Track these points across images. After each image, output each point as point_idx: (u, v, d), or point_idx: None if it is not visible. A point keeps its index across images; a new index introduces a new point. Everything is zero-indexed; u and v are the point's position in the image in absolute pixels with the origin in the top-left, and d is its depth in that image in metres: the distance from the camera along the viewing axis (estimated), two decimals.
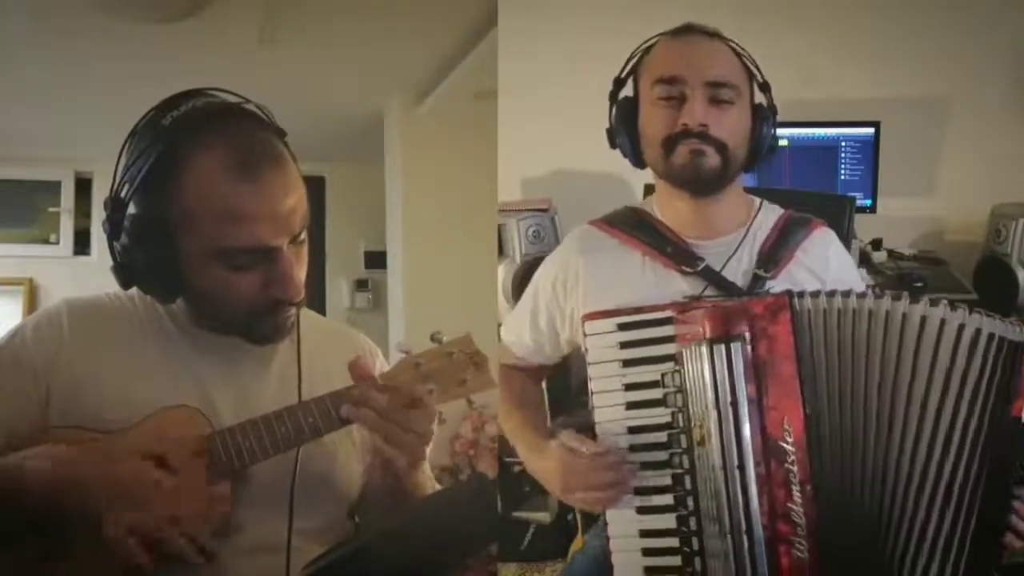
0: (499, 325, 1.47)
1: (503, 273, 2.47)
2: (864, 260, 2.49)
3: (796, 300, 1.10)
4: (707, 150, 1.21)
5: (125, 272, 1.06)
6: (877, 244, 2.58)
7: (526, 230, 2.47)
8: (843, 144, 2.57)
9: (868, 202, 2.55)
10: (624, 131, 1.28)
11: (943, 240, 2.73)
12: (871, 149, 2.55)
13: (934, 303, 1.09)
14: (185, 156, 1.01)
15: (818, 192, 2.44)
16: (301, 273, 1.09)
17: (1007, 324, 1.08)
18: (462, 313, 1.54)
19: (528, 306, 1.39)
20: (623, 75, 1.30)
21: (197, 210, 1.01)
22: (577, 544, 1.51)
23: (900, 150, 2.60)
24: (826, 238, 1.34)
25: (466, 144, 3.03)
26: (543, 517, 2.55)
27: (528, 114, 2.64)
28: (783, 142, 2.57)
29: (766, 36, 2.56)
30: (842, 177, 2.58)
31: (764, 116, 1.27)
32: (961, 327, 1.07)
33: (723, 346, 1.08)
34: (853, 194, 2.43)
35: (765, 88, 1.28)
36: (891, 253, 2.57)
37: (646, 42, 1.29)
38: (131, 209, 1.04)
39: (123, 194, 1.04)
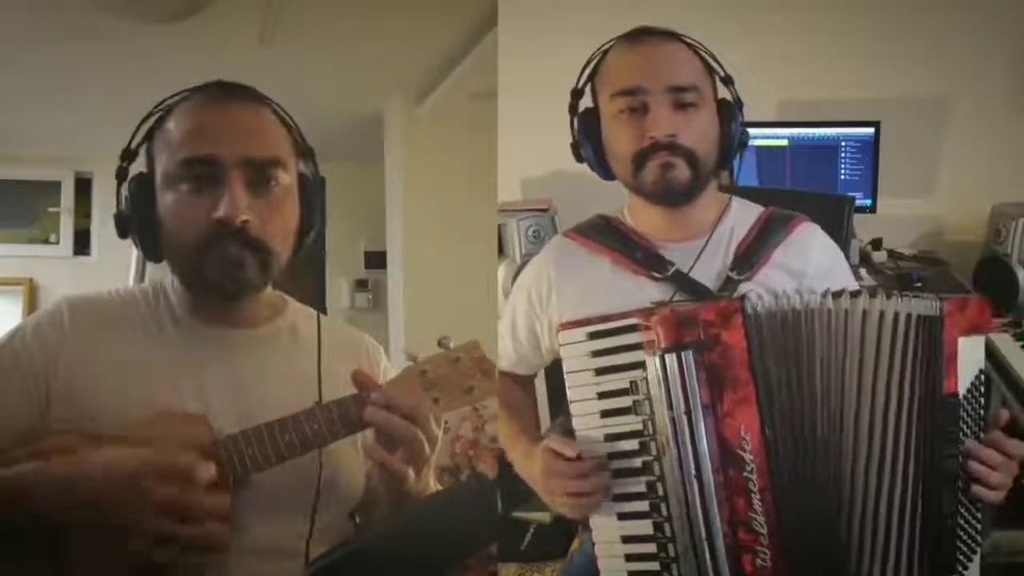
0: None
1: (503, 273, 2.46)
2: (864, 260, 2.49)
3: (748, 304, 1.09)
4: (677, 162, 1.19)
5: (123, 221, 1.13)
6: (877, 244, 2.58)
7: (526, 230, 2.47)
8: (843, 144, 2.57)
9: (868, 202, 2.55)
10: (589, 144, 1.27)
11: (943, 240, 2.72)
12: (871, 149, 2.55)
13: (873, 295, 1.09)
14: (180, 101, 1.12)
15: (818, 192, 2.44)
16: (274, 223, 1.10)
17: (921, 300, 1.08)
18: (462, 313, 1.55)
19: (508, 318, 1.40)
20: (580, 85, 1.29)
21: (172, 133, 1.09)
22: (577, 544, 1.51)
23: (900, 150, 2.60)
24: (808, 235, 1.31)
25: (466, 144, 3.03)
26: (543, 517, 2.55)
27: (528, 114, 2.63)
28: (783, 142, 2.58)
29: (766, 36, 2.58)
30: (842, 177, 2.58)
31: (730, 113, 1.24)
32: (896, 315, 1.07)
33: (675, 355, 1.07)
34: (853, 194, 2.43)
35: (728, 81, 1.26)
36: (891, 253, 2.57)
37: (599, 49, 1.27)
38: (138, 160, 1.13)
39: (133, 145, 1.13)
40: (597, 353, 1.15)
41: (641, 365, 1.12)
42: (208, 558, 0.98)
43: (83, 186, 4.03)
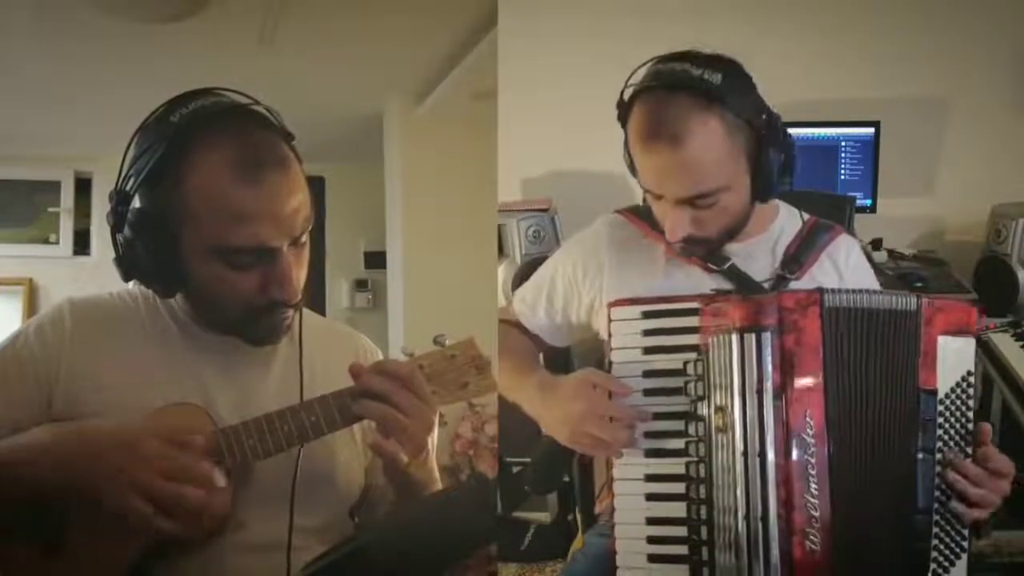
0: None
1: (503, 273, 2.47)
2: None
3: (827, 296, 1.11)
4: (694, 249, 1.23)
5: (126, 265, 1.07)
6: (877, 244, 2.58)
7: (526, 230, 2.47)
8: (843, 144, 2.57)
9: (868, 202, 2.55)
10: (630, 160, 1.23)
11: (943, 240, 2.73)
12: (871, 149, 2.55)
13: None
14: (191, 153, 1.02)
15: (818, 192, 2.44)
16: (301, 275, 1.09)
17: (896, 296, 1.13)
18: (462, 313, 1.54)
19: (546, 283, 1.38)
20: (625, 99, 1.21)
21: (200, 208, 1.02)
22: (577, 544, 1.51)
23: (900, 150, 2.60)
24: (848, 244, 1.36)
25: (466, 144, 3.03)
26: (543, 517, 2.55)
27: (528, 114, 2.64)
28: None
29: (767, 36, 2.58)
30: (842, 177, 2.58)
31: (768, 163, 1.20)
32: (875, 311, 1.11)
33: (753, 335, 1.09)
34: (853, 194, 2.43)
35: (771, 121, 1.21)
36: (891, 253, 2.58)
37: (635, 72, 1.20)
38: (135, 203, 1.05)
39: (128, 187, 1.05)
40: (649, 332, 1.16)
41: (694, 348, 1.13)
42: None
43: (83, 186, 4.03)
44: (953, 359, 1.12)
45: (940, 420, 1.11)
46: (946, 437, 1.11)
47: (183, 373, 1.11)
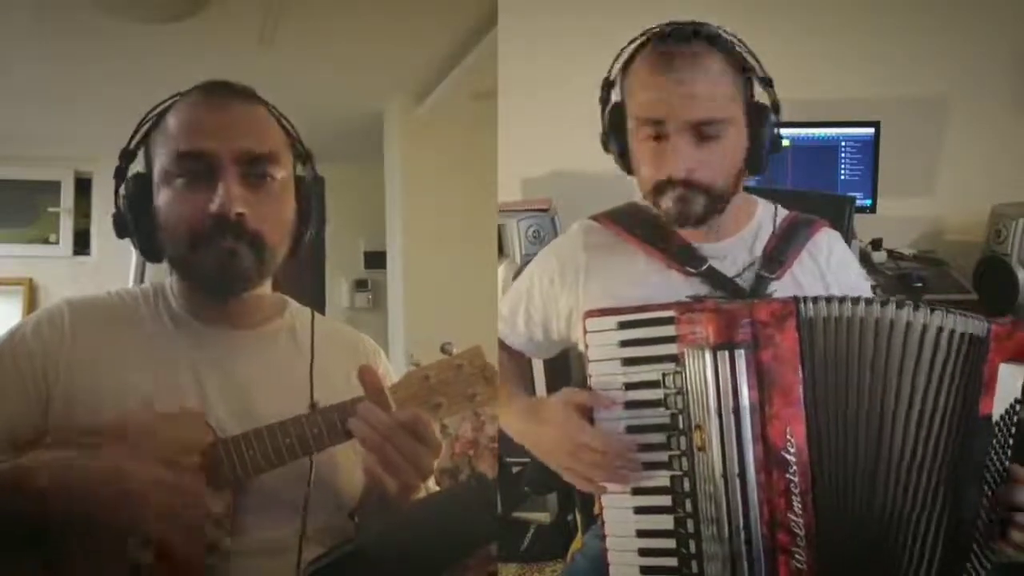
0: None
1: (503, 273, 2.47)
2: (864, 260, 2.49)
3: (803, 307, 1.07)
4: (693, 197, 1.18)
5: (121, 221, 1.13)
6: (877, 244, 2.59)
7: (526, 230, 2.47)
8: (843, 144, 2.57)
9: (868, 202, 2.55)
10: (616, 143, 1.24)
11: (943, 240, 2.73)
12: (871, 149, 2.55)
13: (917, 308, 1.07)
14: (178, 100, 1.13)
15: (818, 192, 2.44)
16: (270, 211, 1.10)
17: (971, 319, 1.06)
18: (462, 314, 1.54)
19: (523, 297, 1.36)
20: (611, 77, 1.25)
21: (169, 130, 1.10)
22: (577, 544, 1.51)
23: (900, 150, 2.60)
24: (830, 239, 1.32)
25: (466, 144, 3.03)
26: (543, 517, 2.55)
27: (528, 114, 2.64)
28: (784, 142, 2.57)
29: (766, 35, 2.58)
30: (842, 177, 2.58)
31: (763, 118, 1.21)
32: (941, 330, 1.05)
33: (727, 352, 1.06)
34: (853, 194, 2.43)
35: (767, 83, 1.23)
36: (891, 253, 2.58)
37: (631, 43, 1.22)
38: (137, 161, 1.13)
39: (132, 145, 1.13)
40: (626, 343, 1.13)
41: (673, 359, 1.10)
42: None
43: (83, 186, 4.03)
44: (1009, 385, 1.06)
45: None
46: (990, 464, 1.06)
47: (181, 371, 1.11)
